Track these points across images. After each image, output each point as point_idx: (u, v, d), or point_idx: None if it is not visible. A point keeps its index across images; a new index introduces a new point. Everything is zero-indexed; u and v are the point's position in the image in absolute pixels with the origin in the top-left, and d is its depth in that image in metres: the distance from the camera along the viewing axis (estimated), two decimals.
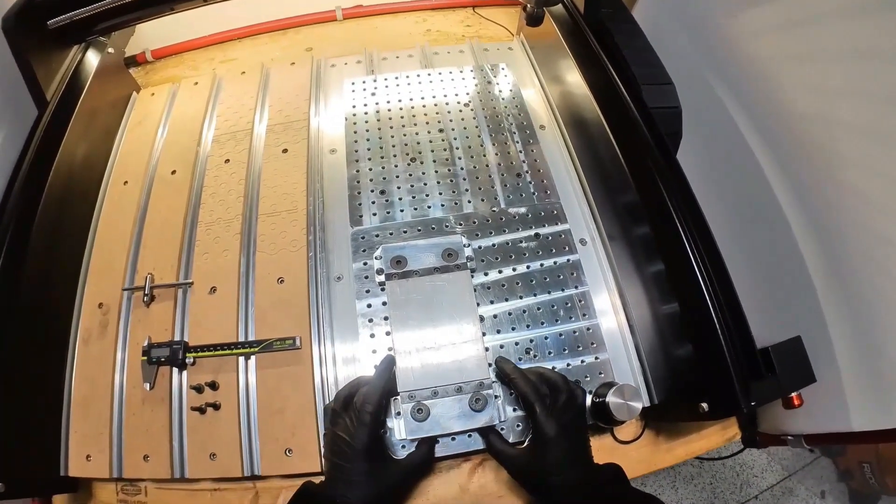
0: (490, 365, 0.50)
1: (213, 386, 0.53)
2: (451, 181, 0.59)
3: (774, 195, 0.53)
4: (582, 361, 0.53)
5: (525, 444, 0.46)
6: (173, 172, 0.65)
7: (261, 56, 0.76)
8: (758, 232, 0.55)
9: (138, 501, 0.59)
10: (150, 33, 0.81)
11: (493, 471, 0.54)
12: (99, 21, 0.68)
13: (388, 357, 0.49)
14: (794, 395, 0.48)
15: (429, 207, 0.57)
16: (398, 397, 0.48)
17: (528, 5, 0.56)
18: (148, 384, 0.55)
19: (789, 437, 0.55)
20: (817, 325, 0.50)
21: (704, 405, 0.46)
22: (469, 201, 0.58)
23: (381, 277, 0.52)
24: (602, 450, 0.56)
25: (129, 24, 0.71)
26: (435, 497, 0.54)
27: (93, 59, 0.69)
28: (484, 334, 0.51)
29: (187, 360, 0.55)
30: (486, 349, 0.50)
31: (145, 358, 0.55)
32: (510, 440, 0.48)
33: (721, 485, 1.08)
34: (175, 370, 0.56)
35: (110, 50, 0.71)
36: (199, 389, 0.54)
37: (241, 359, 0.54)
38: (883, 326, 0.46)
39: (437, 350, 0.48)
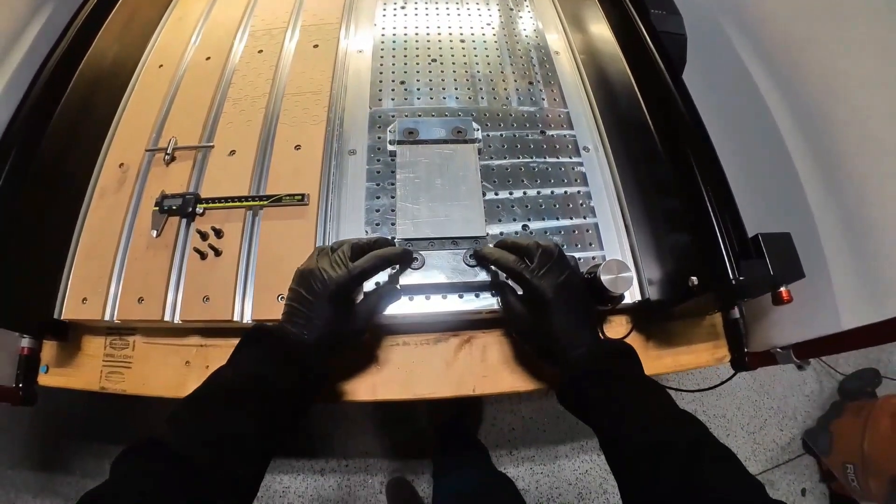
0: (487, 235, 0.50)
1: (219, 233, 0.53)
2: (468, 80, 0.61)
3: (766, 104, 0.55)
4: (579, 257, 0.53)
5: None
6: (207, 58, 0.67)
7: None
8: (753, 140, 0.57)
9: (125, 356, 0.58)
10: None
11: (480, 350, 0.53)
12: None
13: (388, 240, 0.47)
14: (783, 289, 0.47)
15: (444, 99, 0.59)
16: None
17: None
18: (155, 231, 0.55)
19: (778, 351, 0.54)
20: (807, 224, 0.50)
21: (694, 279, 0.45)
22: (482, 98, 0.59)
23: (393, 147, 0.53)
24: None
25: None
26: (417, 369, 0.52)
27: None
28: (484, 209, 0.51)
29: (197, 211, 0.55)
30: (485, 221, 0.51)
31: (157, 208, 0.56)
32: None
33: None
34: (184, 221, 0.56)
35: None
36: (203, 236, 0.53)
37: (249, 213, 0.54)
38: (871, 224, 0.46)
39: (438, 206, 0.49)
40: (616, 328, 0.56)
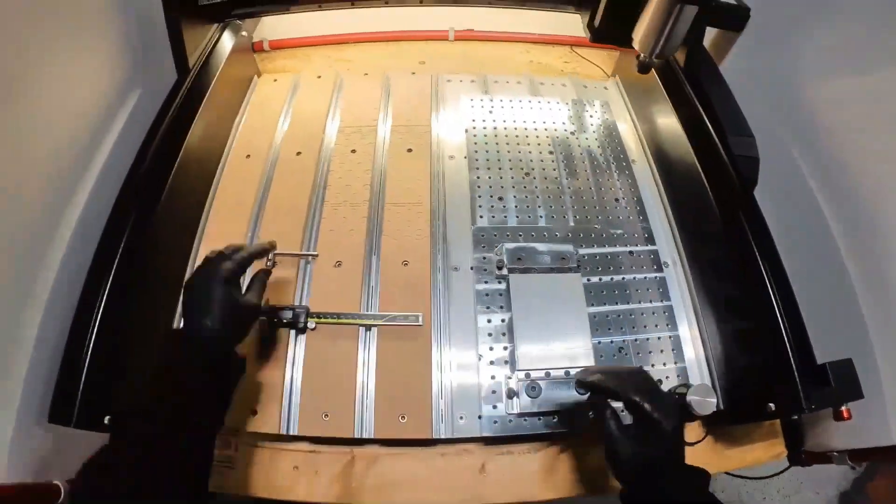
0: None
1: None
2: (560, 197, 0.69)
3: (832, 235, 0.65)
4: (664, 364, 0.63)
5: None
6: (298, 154, 0.73)
7: (374, 61, 0.86)
8: (815, 267, 0.67)
9: (227, 455, 0.64)
10: (267, 25, 0.90)
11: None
12: (242, 5, 0.78)
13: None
14: (844, 409, 0.59)
15: (540, 217, 0.67)
16: (514, 374, 0.56)
17: (642, 55, 0.68)
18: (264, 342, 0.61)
19: (834, 454, 0.66)
20: (865, 350, 0.61)
21: (771, 405, 0.56)
22: (575, 216, 0.68)
23: (504, 271, 0.61)
24: None
25: (267, 13, 0.80)
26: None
27: (228, 38, 0.78)
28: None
29: (309, 325, 0.61)
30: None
31: (265, 318, 0.62)
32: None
33: None
34: (292, 333, 0.62)
35: (244, 33, 0.80)
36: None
37: (362, 329, 0.61)
38: None
39: (552, 338, 0.57)
40: (690, 430, 0.67)
